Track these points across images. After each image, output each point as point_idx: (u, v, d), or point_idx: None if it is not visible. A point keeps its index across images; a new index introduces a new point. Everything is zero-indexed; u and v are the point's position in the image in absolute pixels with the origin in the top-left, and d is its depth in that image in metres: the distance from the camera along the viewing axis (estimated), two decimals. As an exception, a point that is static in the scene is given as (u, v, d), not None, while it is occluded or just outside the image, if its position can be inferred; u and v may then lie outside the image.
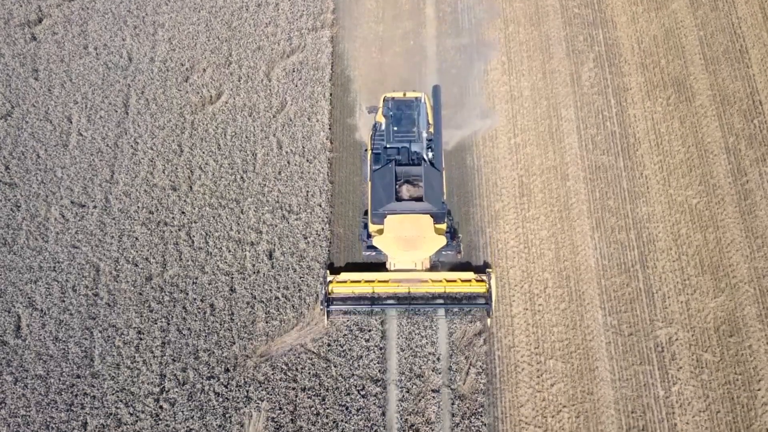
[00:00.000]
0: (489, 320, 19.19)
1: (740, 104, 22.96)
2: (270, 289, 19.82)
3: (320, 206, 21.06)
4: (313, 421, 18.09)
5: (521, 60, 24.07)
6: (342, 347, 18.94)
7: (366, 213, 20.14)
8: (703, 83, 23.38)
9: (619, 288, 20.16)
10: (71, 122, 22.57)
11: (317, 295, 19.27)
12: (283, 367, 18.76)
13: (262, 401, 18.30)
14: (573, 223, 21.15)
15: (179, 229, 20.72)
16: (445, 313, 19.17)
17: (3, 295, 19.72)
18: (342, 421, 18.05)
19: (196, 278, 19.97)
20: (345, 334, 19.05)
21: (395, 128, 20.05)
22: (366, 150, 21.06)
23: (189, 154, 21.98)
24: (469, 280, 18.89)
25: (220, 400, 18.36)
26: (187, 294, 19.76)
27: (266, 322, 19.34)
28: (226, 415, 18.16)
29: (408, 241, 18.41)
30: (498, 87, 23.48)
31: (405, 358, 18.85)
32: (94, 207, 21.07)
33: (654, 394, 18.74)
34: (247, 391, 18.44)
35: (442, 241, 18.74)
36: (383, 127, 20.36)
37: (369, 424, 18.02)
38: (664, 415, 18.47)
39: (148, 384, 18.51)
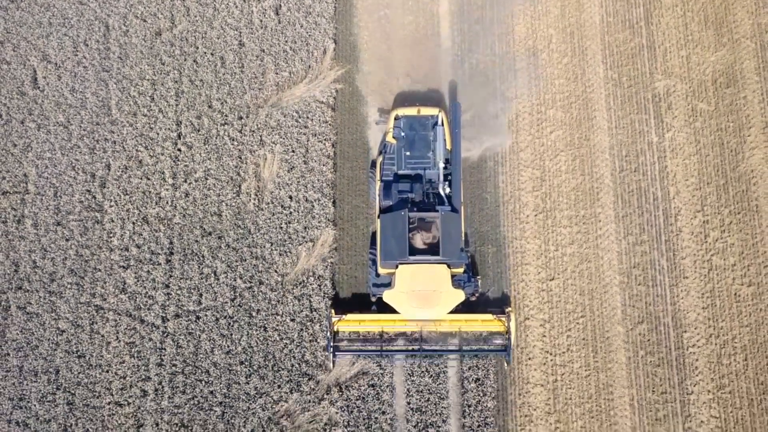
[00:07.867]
0: (507, 366, 17.65)
1: None
2: (278, 43, 20.12)
3: (325, -37, 20.84)
4: (323, 162, 19.18)
5: None
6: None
7: (373, 241, 18.14)
8: None
9: (622, 43, 20.43)
10: None
11: (323, 338, 17.70)
12: (294, 114, 19.54)
13: (276, 144, 19.28)
14: (580, -19, 21.01)
15: (185, -14, 20.67)
16: (460, 358, 17.70)
17: (17, 49, 20.07)
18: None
19: (205, 33, 20.21)
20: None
21: (407, 153, 17.96)
22: (373, 166, 18.85)
23: None
24: (479, 320, 17.38)
25: (235, 144, 19.32)
26: (197, 48, 20.10)
27: (276, 74, 19.85)
28: (242, 157, 19.20)
29: (422, 297, 16.83)
30: None
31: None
32: (97, -35, 20.86)
33: (648, 140, 19.66)
34: (261, 136, 19.35)
35: (461, 296, 16.94)
36: (393, 149, 18.12)
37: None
38: (656, 158, 19.49)
39: (165, 130, 19.38)
